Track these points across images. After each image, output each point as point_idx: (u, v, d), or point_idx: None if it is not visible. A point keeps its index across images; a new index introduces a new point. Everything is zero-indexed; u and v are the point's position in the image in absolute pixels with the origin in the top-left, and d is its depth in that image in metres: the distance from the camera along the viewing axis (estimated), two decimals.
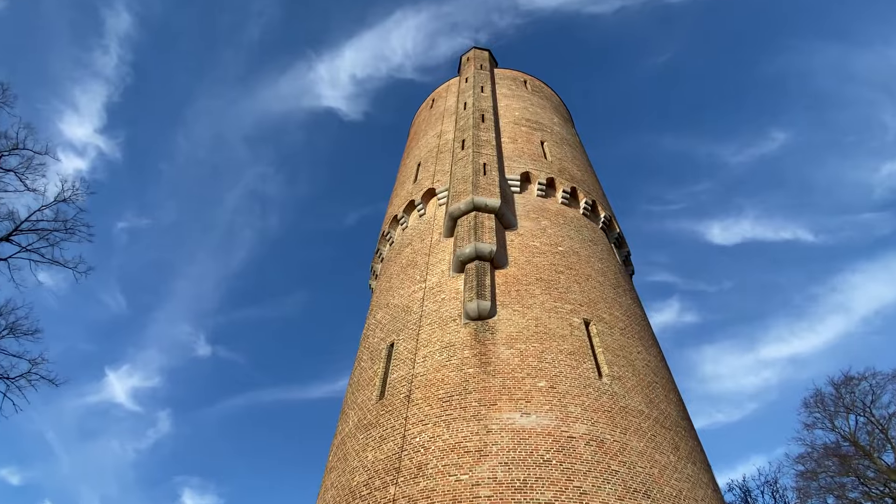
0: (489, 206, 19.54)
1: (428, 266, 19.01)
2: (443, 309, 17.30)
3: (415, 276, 19.23)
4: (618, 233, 23.07)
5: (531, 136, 25.14)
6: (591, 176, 25.49)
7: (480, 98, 26.85)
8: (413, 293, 18.60)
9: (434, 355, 15.88)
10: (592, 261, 19.59)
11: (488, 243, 18.06)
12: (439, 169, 23.54)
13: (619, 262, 21.69)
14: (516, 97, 29.04)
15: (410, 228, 22.28)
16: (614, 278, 19.73)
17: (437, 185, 22.70)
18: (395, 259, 21.41)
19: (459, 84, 30.62)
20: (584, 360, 15.57)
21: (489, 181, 20.48)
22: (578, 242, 20.14)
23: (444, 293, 17.80)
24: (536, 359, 15.19)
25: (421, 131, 29.20)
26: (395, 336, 17.70)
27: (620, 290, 19.38)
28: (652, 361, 17.47)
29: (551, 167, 23.18)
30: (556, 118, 28.62)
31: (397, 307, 18.76)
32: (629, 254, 23.24)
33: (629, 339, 17.42)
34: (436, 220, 21.33)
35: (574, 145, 27.08)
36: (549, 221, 20.53)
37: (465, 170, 21.30)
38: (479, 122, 24.44)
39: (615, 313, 18.07)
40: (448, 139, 25.37)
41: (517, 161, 23.02)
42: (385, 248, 23.66)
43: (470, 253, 17.99)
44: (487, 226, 18.73)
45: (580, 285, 18.13)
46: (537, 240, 19.36)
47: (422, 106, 34.90)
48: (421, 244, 20.61)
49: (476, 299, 16.58)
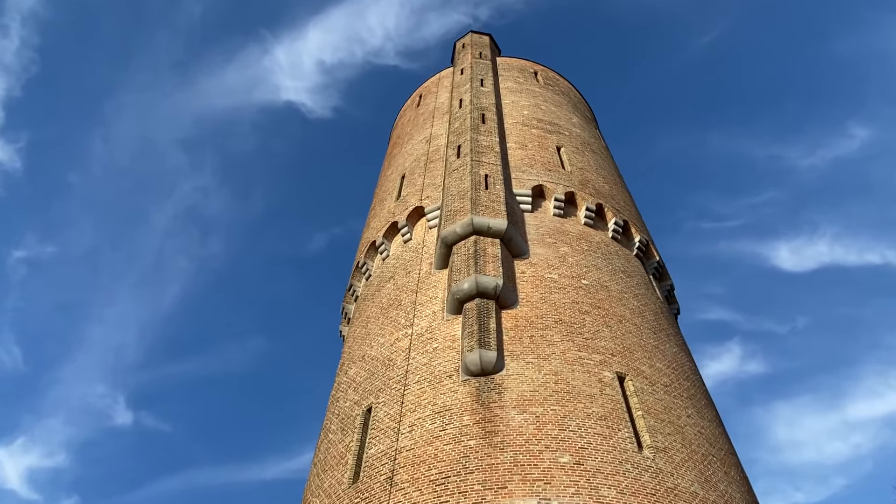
0: (493, 228, 18.25)
1: (415, 306, 17.83)
2: (435, 362, 15.75)
3: (398, 319, 17.95)
4: (657, 261, 21.75)
5: (544, 141, 24.48)
6: (622, 189, 24.58)
7: (480, 94, 26.36)
8: (396, 342, 17.24)
9: (424, 423, 14.30)
10: (626, 297, 18.31)
11: (492, 276, 16.73)
12: (429, 182, 22.65)
13: (661, 298, 20.34)
14: (525, 92, 28.58)
15: (393, 258, 21.20)
16: (654, 319, 18.36)
17: (426, 203, 21.60)
18: (374, 298, 20.30)
19: (454, 76, 30.22)
20: (620, 428, 14.01)
21: (492, 197, 19.43)
22: (608, 274, 18.91)
23: (437, 341, 16.35)
24: (557, 426, 13.74)
25: (405, 135, 28.78)
26: (372, 398, 16.23)
27: (663, 335, 17.95)
28: (706, 427, 15.87)
29: (571, 179, 22.26)
30: (575, 118, 28.11)
31: (376, 360, 17.33)
32: (672, 288, 21.99)
33: (676, 399, 15.85)
34: (425, 246, 20.15)
35: (598, 151, 26.40)
36: (570, 247, 19.32)
37: (461, 183, 20.25)
38: (478, 123, 23.80)
39: (657, 365, 16.44)
40: (440, 145, 24.83)
41: (527, 172, 22.04)
42: (360, 283, 22.49)
43: (469, 289, 16.58)
44: (491, 253, 17.50)
45: (611, 329, 16.68)
46: (555, 271, 18.09)
47: (406, 103, 34.17)
48: (406, 278, 19.47)
49: (478, 349, 14.98)
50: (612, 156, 27.87)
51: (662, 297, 20.73)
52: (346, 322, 23.04)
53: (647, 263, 21.48)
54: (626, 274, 19.52)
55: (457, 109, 25.84)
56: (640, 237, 21.65)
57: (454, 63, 32.44)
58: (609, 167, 25.44)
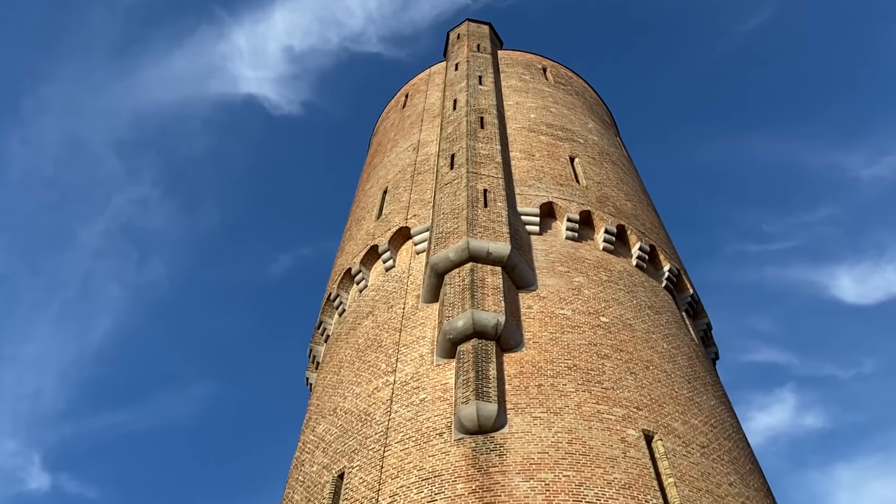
0: (493, 254, 17.24)
1: (399, 348, 16.83)
2: (422, 416, 14.59)
3: (378, 364, 16.86)
4: (691, 294, 20.75)
5: (555, 150, 23.57)
6: (647, 207, 23.53)
7: (478, 93, 25.56)
8: (375, 392, 16.09)
9: (409, 493, 13.13)
10: (654, 338, 17.20)
11: (493, 312, 15.74)
12: (416, 198, 21.70)
13: (696, 339, 19.20)
14: (532, 92, 27.74)
15: (372, 289, 20.18)
16: (688, 365, 17.22)
17: (412, 223, 20.56)
18: (348, 337, 19.16)
19: (446, 72, 29.13)
20: (647, 498, 12.82)
21: (492, 216, 18.49)
22: (632, 310, 17.86)
23: (425, 391, 15.20)
24: (571, 496, 12.67)
25: (389, 141, 27.89)
26: (346, 462, 14.98)
27: (699, 384, 16.76)
28: (752, 497, 14.58)
29: (587, 195, 21.41)
30: (591, 122, 27.21)
31: (350, 414, 16.17)
32: (709, 327, 20.90)
33: (715, 463, 14.61)
34: (411, 276, 19.14)
35: (619, 162, 25.38)
36: (586, 277, 18.29)
37: (455, 199, 19.32)
38: (476, 128, 22.87)
39: (692, 421, 15.28)
40: (430, 153, 23.94)
41: (535, 186, 21.12)
42: (332, 319, 21.41)
43: (464, 327, 15.55)
44: (491, 284, 16.50)
45: (636, 377, 15.59)
46: (568, 306, 17.07)
47: (390, 104, 32.92)
48: (388, 314, 18.41)
49: (475, 400, 13.86)
50: (635, 167, 27.01)
51: (698, 337, 19.81)
52: (313, 367, 22.07)
53: (678, 297, 20.66)
54: (654, 310, 18.60)
55: (450, 112, 24.99)
56: (671, 265, 20.80)
57: (447, 57, 31.42)
58: (632, 181, 24.71)
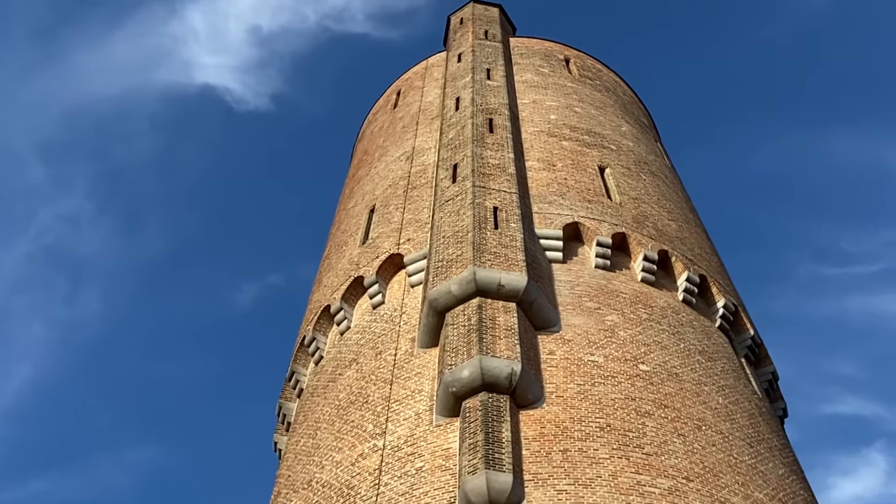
0: (506, 286, 15.56)
1: (389, 405, 15.12)
2: (419, 490, 12.93)
3: (364, 424, 15.19)
4: (751, 336, 18.95)
5: (581, 158, 21.90)
6: (695, 228, 21.83)
7: (486, 90, 23.81)
8: (360, 459, 14.35)
9: None
10: (707, 391, 15.45)
11: (506, 358, 14.07)
12: (411, 218, 20.14)
13: (759, 391, 17.46)
14: (552, 88, 25.95)
15: (356, 331, 18.60)
16: (750, 425, 15.41)
17: (406, 250, 19.00)
18: (326, 391, 17.53)
19: (447, 64, 27.32)
20: None
21: (505, 241, 16.87)
22: (678, 356, 16.05)
23: (422, 458, 13.50)
24: None
25: (376, 149, 26.33)
26: None
27: (763, 449, 14.91)
28: None
29: (620, 214, 19.82)
30: (625, 125, 25.45)
31: (329, 488, 14.40)
32: (775, 376, 19.18)
33: None
34: (405, 314, 17.59)
35: (660, 172, 23.59)
36: (621, 316, 16.59)
37: (459, 220, 17.75)
38: (483, 132, 21.17)
39: (756, 495, 13.50)
40: (427, 164, 22.37)
41: (557, 203, 19.54)
42: (306, 369, 19.74)
43: (470, 378, 13.81)
44: (503, 324, 14.85)
45: (685, 440, 13.79)
46: (599, 351, 15.33)
47: (378, 103, 30.85)
48: (376, 362, 16.76)
49: (484, 470, 12.25)
50: (679, 179, 25.32)
51: (761, 390, 17.98)
52: (283, 428, 20.35)
53: (735, 339, 18.80)
54: (706, 356, 16.77)
55: (452, 112, 23.23)
56: (726, 300, 19.01)
57: (448, 46, 29.24)
58: (676, 196, 22.98)
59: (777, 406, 19.12)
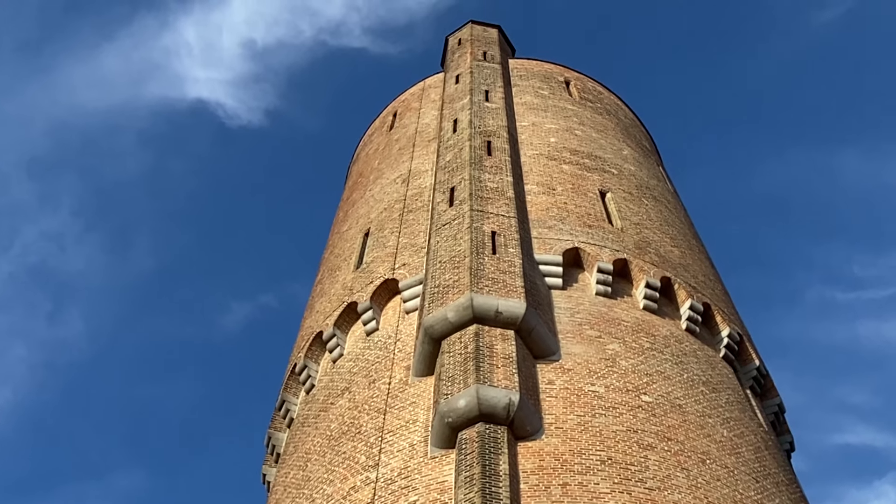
0: (504, 314, 15.67)
1: (383, 435, 15.17)
2: None
3: (356, 456, 15.10)
4: (757, 367, 18.96)
5: (581, 182, 21.99)
6: (699, 254, 21.78)
7: (485, 112, 23.83)
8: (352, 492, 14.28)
9: None
10: (711, 424, 15.49)
11: (504, 388, 14.13)
12: (407, 243, 20.20)
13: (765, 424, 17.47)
14: (552, 111, 26.08)
15: (350, 359, 18.52)
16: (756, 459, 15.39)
17: (401, 275, 19.09)
18: (318, 421, 17.44)
19: (445, 85, 27.37)
20: None
21: (503, 266, 16.95)
22: (682, 387, 16.10)
23: (416, 492, 13.46)
24: None
25: (371, 171, 26.36)
26: None
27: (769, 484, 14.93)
28: None
29: (622, 240, 19.87)
30: (627, 148, 25.42)
31: None
32: (781, 408, 19.10)
33: None
34: (399, 341, 17.57)
35: (663, 197, 23.59)
36: (623, 345, 16.65)
37: (456, 245, 17.78)
38: (482, 155, 21.26)
39: None
40: (423, 187, 22.48)
41: (556, 228, 19.62)
42: (297, 398, 19.74)
43: (467, 408, 13.87)
44: (501, 353, 14.92)
45: (689, 475, 13.74)
46: (600, 381, 15.37)
47: (374, 124, 30.81)
48: (369, 391, 16.70)
49: None
50: (682, 204, 25.09)
51: (767, 423, 17.79)
52: (272, 459, 20.03)
53: (741, 370, 18.67)
54: (710, 387, 16.62)
55: (449, 134, 23.19)
56: (730, 329, 18.94)
57: (446, 67, 29.40)
58: (679, 221, 22.84)
59: (784, 439, 19.03)
